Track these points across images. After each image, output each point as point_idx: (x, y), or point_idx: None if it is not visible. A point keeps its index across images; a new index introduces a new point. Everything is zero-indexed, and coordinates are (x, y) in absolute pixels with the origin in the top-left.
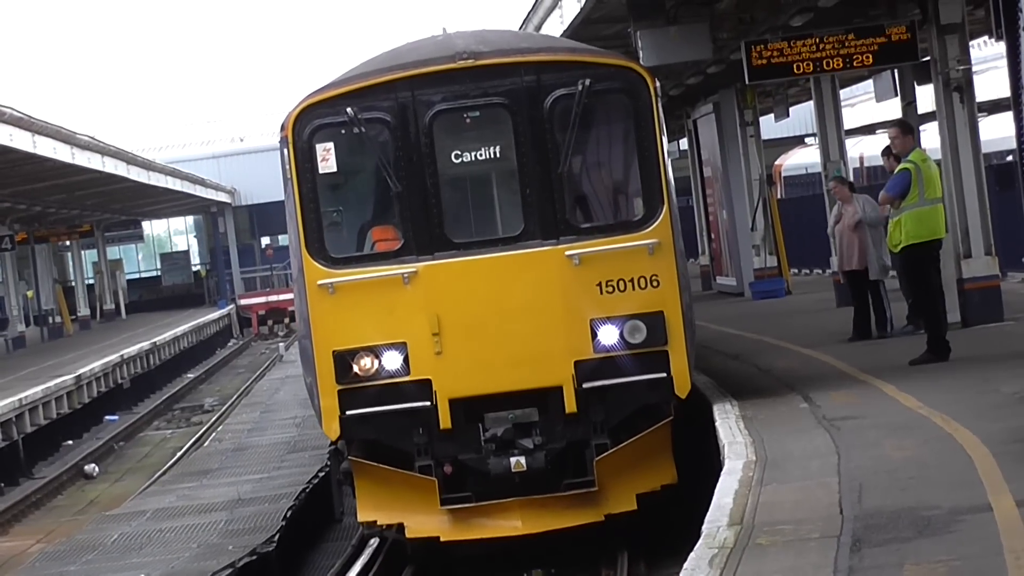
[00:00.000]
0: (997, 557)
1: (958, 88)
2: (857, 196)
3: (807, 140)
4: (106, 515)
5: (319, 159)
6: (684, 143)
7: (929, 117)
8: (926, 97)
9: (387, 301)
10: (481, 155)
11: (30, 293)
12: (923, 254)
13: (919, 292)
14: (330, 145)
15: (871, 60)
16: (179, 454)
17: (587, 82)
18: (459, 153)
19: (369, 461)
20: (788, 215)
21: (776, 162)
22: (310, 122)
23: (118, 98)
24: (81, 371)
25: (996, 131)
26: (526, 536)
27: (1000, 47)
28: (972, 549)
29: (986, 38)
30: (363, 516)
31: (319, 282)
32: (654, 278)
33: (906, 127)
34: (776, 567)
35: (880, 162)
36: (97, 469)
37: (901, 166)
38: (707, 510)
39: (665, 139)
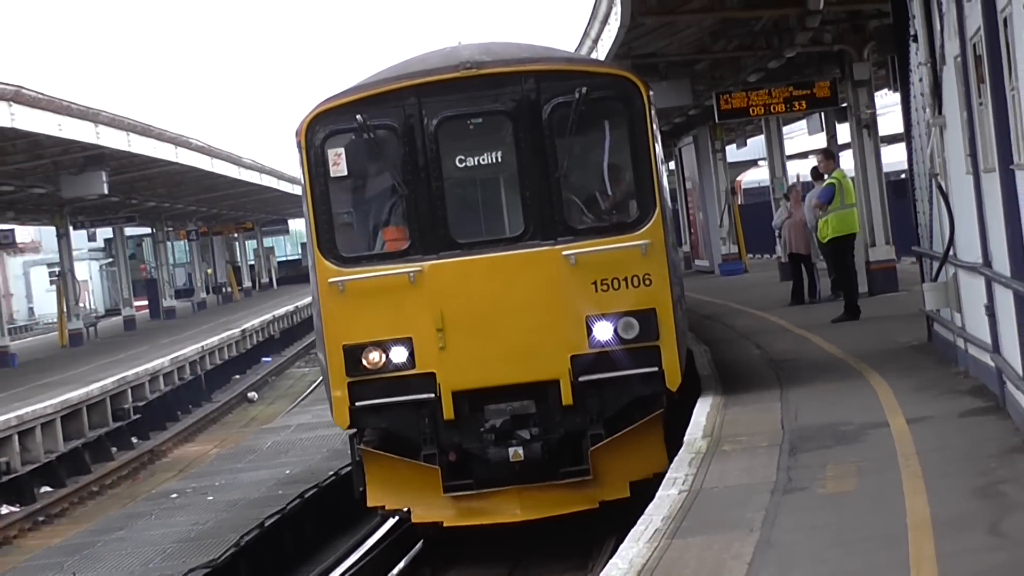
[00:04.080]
0: (892, 458)
1: (866, 126)
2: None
3: (759, 162)
4: (263, 428)
5: (330, 163)
6: (672, 165)
7: (846, 147)
8: (844, 132)
9: (394, 298)
10: (484, 160)
11: (209, 271)
12: (843, 244)
13: (840, 271)
14: (341, 150)
15: (805, 106)
16: (314, 385)
17: (584, 90)
18: (463, 158)
19: (379, 450)
20: (746, 216)
21: (737, 178)
22: (322, 128)
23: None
24: (245, 326)
25: (894, 157)
26: (524, 522)
27: (896, 97)
28: (874, 453)
29: (887, 90)
30: (372, 501)
31: (330, 280)
32: (647, 277)
33: (829, 154)
34: (736, 466)
35: (810, 178)
36: (256, 396)
37: (828, 181)
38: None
39: (659, 145)
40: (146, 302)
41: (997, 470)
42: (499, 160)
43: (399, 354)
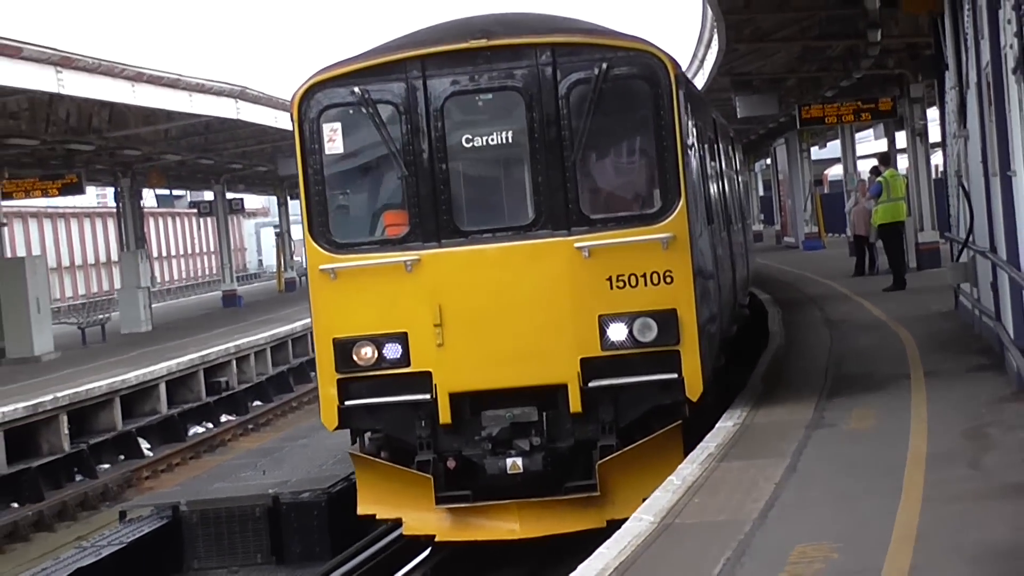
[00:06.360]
0: (906, 403)
1: (919, 134)
2: None
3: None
4: None
5: (326, 139)
6: (768, 160)
7: (903, 151)
8: (901, 138)
9: (389, 289)
10: (492, 140)
11: None
12: (890, 229)
13: (888, 250)
14: (337, 125)
15: (870, 117)
16: None
17: (604, 66)
18: (470, 137)
19: (382, 454)
20: (827, 202)
21: (824, 172)
22: (317, 101)
23: None
24: None
25: (940, 159)
26: (523, 540)
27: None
28: (894, 400)
29: (936, 106)
30: (363, 509)
31: (320, 267)
32: (668, 274)
33: (884, 157)
34: (784, 405)
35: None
36: None
37: (877, 179)
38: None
39: (689, 130)
40: None
41: (986, 416)
42: (510, 141)
43: (393, 350)
